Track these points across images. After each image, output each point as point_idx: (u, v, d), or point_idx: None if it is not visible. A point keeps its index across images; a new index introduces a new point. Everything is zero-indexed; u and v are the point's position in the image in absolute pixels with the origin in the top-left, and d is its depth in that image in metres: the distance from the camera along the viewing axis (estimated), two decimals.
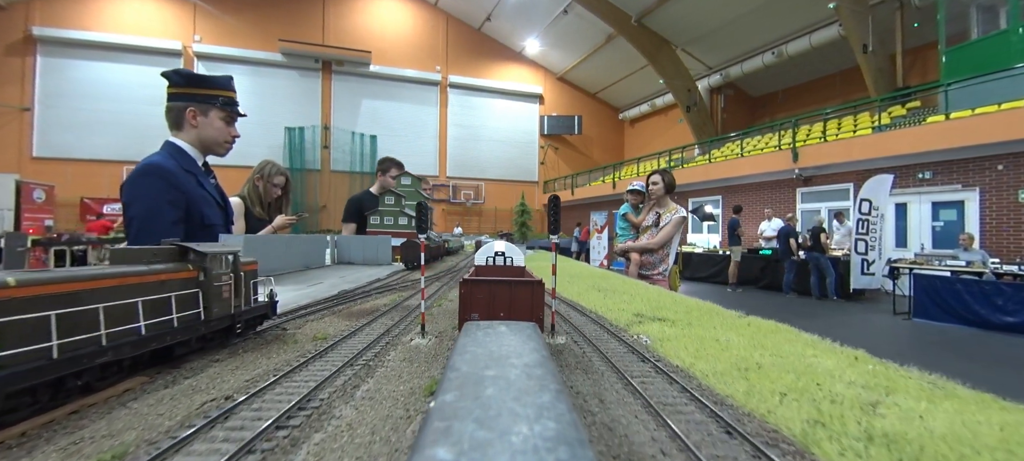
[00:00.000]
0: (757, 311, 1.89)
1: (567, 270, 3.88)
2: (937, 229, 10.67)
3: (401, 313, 1.87)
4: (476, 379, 0.57)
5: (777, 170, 13.88)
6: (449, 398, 0.51)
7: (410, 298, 2.22)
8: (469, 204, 26.36)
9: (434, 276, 3.08)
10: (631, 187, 4.89)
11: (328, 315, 1.82)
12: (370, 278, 2.96)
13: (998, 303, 6.72)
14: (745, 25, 18.27)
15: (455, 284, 2.52)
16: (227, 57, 22.18)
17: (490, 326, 0.89)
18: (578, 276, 3.42)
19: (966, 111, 10.22)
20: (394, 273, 3.19)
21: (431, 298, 2.24)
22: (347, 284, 2.64)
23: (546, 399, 0.51)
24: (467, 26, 26.49)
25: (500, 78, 27.07)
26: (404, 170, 5.16)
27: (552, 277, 1.34)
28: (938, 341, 6.38)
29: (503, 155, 27.45)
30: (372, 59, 24.05)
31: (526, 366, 0.63)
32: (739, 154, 16.13)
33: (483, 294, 1.11)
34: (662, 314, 1.93)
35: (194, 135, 2.55)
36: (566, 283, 2.88)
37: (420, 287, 1.46)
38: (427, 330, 1.45)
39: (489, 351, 0.70)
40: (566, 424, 0.44)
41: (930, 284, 7.59)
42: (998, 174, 9.53)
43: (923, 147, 10.34)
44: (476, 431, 0.42)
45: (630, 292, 2.58)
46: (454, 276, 3.13)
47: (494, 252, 1.58)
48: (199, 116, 2.54)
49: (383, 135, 24.49)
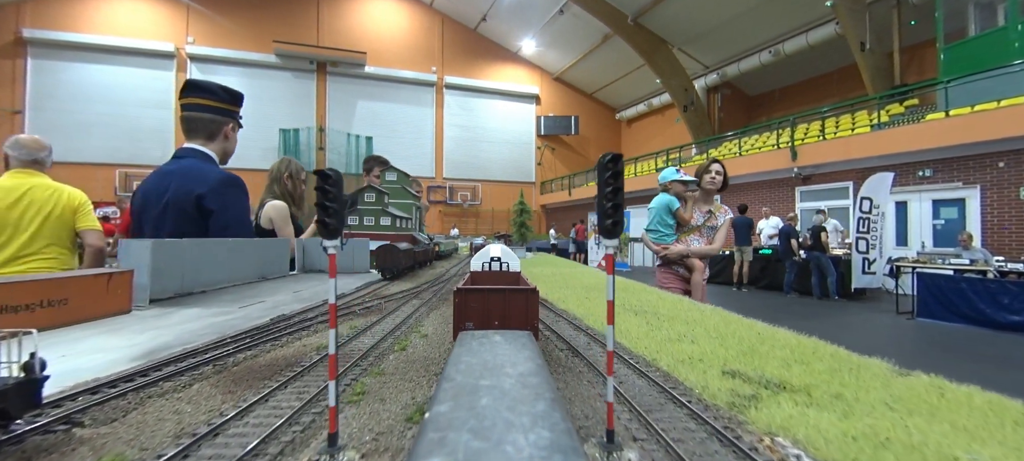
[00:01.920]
0: (761, 314, 1.77)
1: (579, 280, 3.16)
2: (938, 227, 10.64)
3: (342, 363, 1.08)
4: (471, 389, 0.57)
5: (775, 169, 13.84)
6: (443, 409, 0.51)
7: (373, 327, 1.50)
8: (466, 205, 26.24)
9: (412, 292, 2.31)
10: (682, 177, 3.87)
11: (201, 382, 0.96)
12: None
13: (1004, 302, 6.66)
14: (742, 24, 18.24)
15: (440, 301, 2.03)
16: (221, 59, 21.99)
17: (484, 335, 0.87)
18: (594, 288, 2.73)
19: (965, 108, 10.19)
20: (367, 285, 2.53)
21: (401, 328, 1.51)
22: (298, 303, 1.90)
23: (541, 408, 0.51)
24: (463, 26, 26.38)
25: (496, 79, 26.97)
26: (389, 166, 4.67)
27: (607, 327, 0.77)
28: (944, 342, 6.31)
29: (500, 156, 27.35)
30: (367, 60, 23.92)
31: (521, 375, 0.63)
32: (737, 153, 16.08)
33: (477, 303, 1.08)
34: (776, 371, 1.11)
35: (222, 147, 2.74)
36: (581, 298, 2.22)
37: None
38: (365, 421, 0.80)
39: (483, 361, 0.70)
40: (560, 433, 0.45)
41: (934, 283, 7.53)
42: (999, 172, 9.50)
43: (923, 145, 10.30)
44: (471, 441, 0.42)
45: (683, 317, 1.80)
46: (439, 290, 2.44)
47: (490, 257, 1.53)
48: (231, 132, 2.78)
49: (379, 137, 24.35)
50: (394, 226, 3.92)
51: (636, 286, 2.82)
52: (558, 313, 1.84)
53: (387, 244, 2.84)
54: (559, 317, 1.76)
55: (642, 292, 2.58)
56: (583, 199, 23.71)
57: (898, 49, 15.07)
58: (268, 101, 22.73)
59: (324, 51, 23.33)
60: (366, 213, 3.87)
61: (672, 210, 3.83)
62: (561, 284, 2.86)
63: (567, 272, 3.81)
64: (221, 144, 2.73)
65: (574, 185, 24.76)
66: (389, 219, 3.90)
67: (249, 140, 22.07)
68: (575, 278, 3.27)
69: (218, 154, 2.72)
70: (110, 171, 20.14)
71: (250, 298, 2.06)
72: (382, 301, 1.98)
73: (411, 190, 4.73)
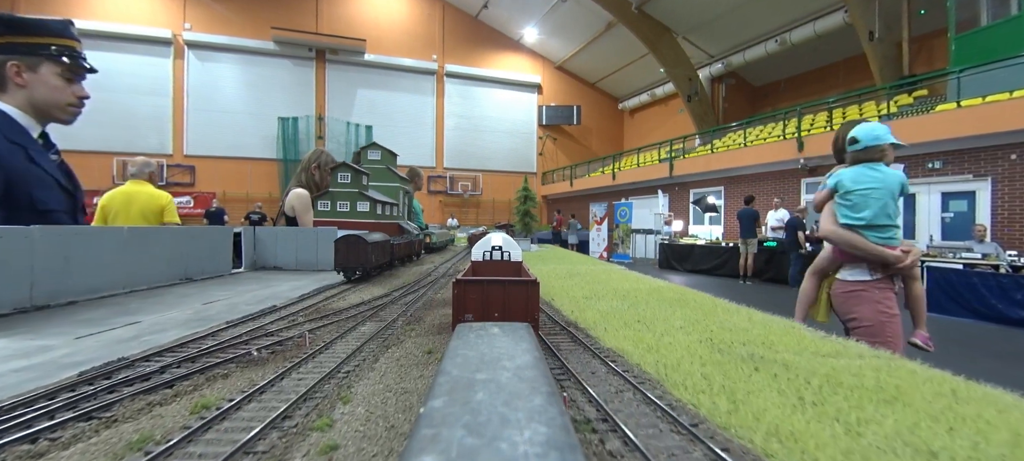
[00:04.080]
0: (769, 305, 1.63)
1: (621, 287, 2.36)
2: (947, 220, 10.50)
3: None
4: (466, 383, 0.56)
5: (781, 160, 13.66)
6: (438, 404, 0.50)
7: (248, 402, 0.79)
8: (466, 196, 26.07)
9: (374, 304, 1.74)
10: (894, 138, 2.44)
11: None
12: (263, 305, 1.66)
13: (1017, 297, 6.55)
14: (749, 11, 17.95)
15: (411, 324, 1.44)
16: (218, 45, 21.68)
17: (482, 327, 0.87)
18: (670, 301, 1.92)
19: (977, 99, 10.02)
20: (320, 291, 1.99)
21: (314, 397, 0.83)
22: (199, 323, 1.38)
23: (537, 403, 0.50)
24: (464, 14, 26.01)
25: (498, 67, 26.66)
26: (375, 144, 4.18)
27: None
28: (958, 338, 6.20)
29: (501, 146, 27.12)
30: (367, 48, 23.59)
31: (518, 368, 0.62)
32: (742, 144, 15.90)
33: (476, 294, 1.07)
34: None
35: (23, 97, 1.98)
36: (657, 331, 1.38)
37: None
38: None
39: (480, 354, 0.69)
40: (557, 428, 0.44)
41: (945, 278, 7.42)
42: (1011, 164, 9.34)
43: (932, 136, 10.13)
44: (465, 438, 0.41)
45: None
46: (414, 302, 1.83)
47: (491, 246, 1.50)
48: (26, 72, 1.96)
49: (379, 125, 24.11)
50: (374, 212, 3.24)
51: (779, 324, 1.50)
52: (612, 362, 1.05)
53: (349, 235, 2.33)
54: (624, 381, 0.93)
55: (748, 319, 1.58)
56: (585, 190, 23.55)
57: (907, 39, 14.85)
58: (267, 89, 22.48)
59: (323, 38, 22.99)
60: (339, 197, 3.19)
61: (905, 193, 2.43)
62: (590, 293, 2.14)
63: (586, 271, 3.11)
64: (18, 93, 1.97)
65: (576, 176, 24.58)
66: (367, 204, 3.22)
67: (247, 128, 21.92)
68: (651, 289, 2.31)
69: (22, 106, 1.98)
70: (107, 159, 19.91)
71: (124, 316, 1.48)
72: (306, 334, 1.21)
73: (397, 171, 4.16)
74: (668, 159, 18.19)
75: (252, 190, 21.20)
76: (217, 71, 21.80)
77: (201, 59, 21.58)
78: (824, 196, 2.59)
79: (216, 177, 21.19)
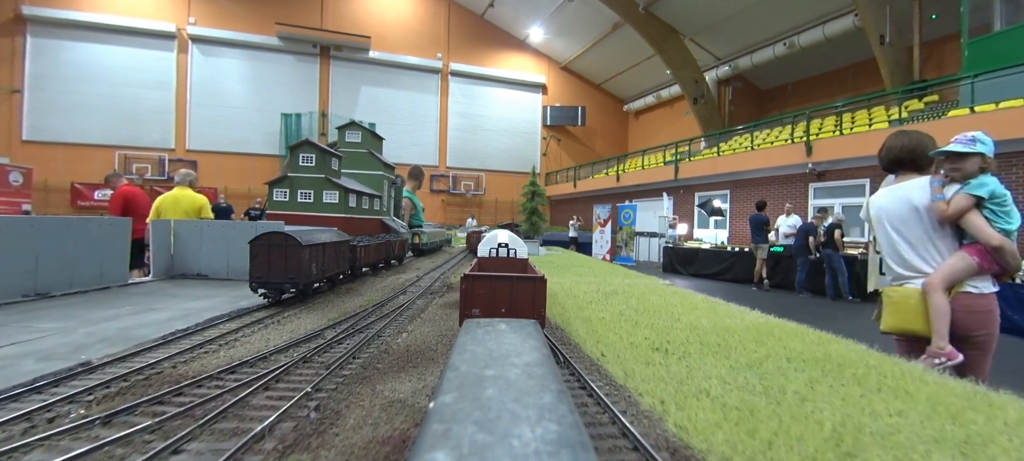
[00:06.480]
0: (778, 310, 1.49)
1: (698, 321, 2.08)
2: None
3: None
4: (476, 379, 0.56)
5: (788, 164, 13.50)
6: (448, 399, 0.49)
7: None
8: (469, 195, 25.95)
9: (308, 346, 1.35)
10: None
11: None
12: (78, 357, 1.22)
13: None
14: (757, 14, 17.79)
15: (351, 397, 1.10)
16: (222, 40, 21.63)
17: (490, 324, 0.86)
18: (816, 360, 1.50)
19: (990, 105, 9.85)
20: (211, 322, 1.55)
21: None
22: None
23: (547, 400, 0.50)
24: (469, 12, 25.90)
25: (503, 67, 26.54)
26: (354, 123, 3.63)
27: None
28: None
29: (505, 146, 26.99)
30: (371, 45, 23.50)
31: (527, 365, 0.61)
32: (749, 147, 15.74)
33: (484, 290, 1.07)
34: None
35: None
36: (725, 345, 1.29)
37: None
38: None
39: (489, 350, 0.68)
40: (568, 426, 0.43)
41: None
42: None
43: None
44: (476, 434, 0.41)
45: None
46: (366, 342, 1.47)
47: (497, 244, 1.53)
48: None
49: (382, 123, 23.91)
50: (344, 205, 2.55)
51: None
52: None
53: (273, 233, 1.67)
54: None
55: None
56: (588, 191, 23.40)
57: (918, 43, 14.68)
58: (270, 85, 22.41)
59: (327, 34, 22.91)
60: (301, 184, 2.49)
61: None
62: (659, 336, 1.63)
63: (624, 288, 2.43)
64: None
65: (580, 177, 24.44)
66: (336, 194, 2.50)
67: (251, 124, 21.84)
68: (678, 315, 1.91)
69: None
70: (109, 152, 19.86)
71: None
72: None
73: (381, 157, 3.61)
74: (673, 161, 18.04)
75: (254, 186, 21.12)
76: (221, 66, 21.73)
77: (205, 54, 21.51)
78: (967, 203, 2.31)
79: (218, 172, 21.11)
